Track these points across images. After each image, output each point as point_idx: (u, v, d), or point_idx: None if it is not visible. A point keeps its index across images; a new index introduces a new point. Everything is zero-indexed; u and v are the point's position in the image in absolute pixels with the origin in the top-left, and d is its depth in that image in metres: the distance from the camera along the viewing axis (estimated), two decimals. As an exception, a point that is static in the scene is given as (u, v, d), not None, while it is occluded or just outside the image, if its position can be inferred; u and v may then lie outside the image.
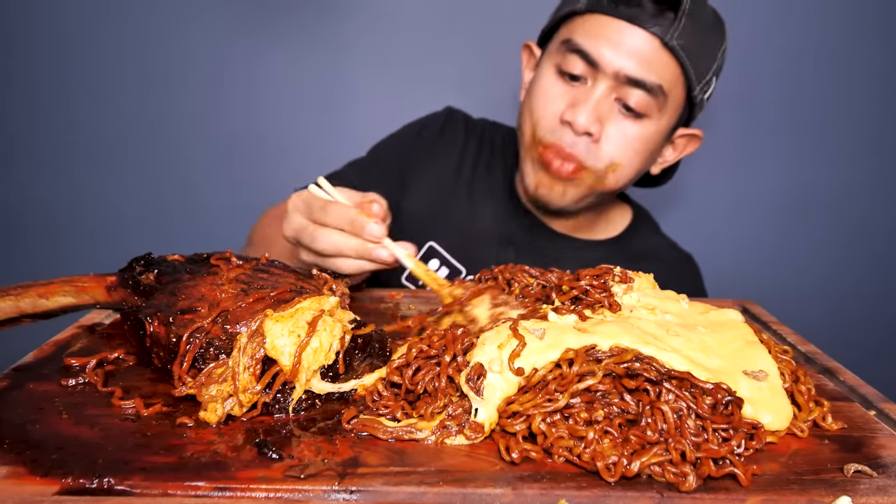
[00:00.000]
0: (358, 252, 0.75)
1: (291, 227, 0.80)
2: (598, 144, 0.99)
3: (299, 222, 0.79)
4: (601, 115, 0.97)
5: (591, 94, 0.97)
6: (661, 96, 0.96)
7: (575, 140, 0.99)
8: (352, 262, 0.76)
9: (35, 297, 0.65)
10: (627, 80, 0.95)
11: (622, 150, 1.00)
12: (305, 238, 0.78)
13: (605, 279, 0.68)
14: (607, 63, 0.95)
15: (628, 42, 0.93)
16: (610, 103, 0.98)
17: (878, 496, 0.48)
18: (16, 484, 0.44)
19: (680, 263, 1.22)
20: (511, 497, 0.46)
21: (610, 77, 0.96)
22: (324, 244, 0.76)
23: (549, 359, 0.55)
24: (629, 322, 0.61)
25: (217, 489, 0.45)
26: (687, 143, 1.11)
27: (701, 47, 0.96)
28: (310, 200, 0.78)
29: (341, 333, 0.58)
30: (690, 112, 1.05)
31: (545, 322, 0.61)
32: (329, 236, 0.76)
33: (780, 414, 0.55)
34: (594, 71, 0.96)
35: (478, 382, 0.54)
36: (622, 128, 0.99)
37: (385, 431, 0.53)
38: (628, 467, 0.48)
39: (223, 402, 0.54)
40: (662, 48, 0.93)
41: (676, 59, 0.94)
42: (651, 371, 0.53)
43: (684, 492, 0.47)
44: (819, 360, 0.73)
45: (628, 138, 0.99)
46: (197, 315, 0.58)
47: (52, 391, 0.57)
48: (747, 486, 0.48)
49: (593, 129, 0.97)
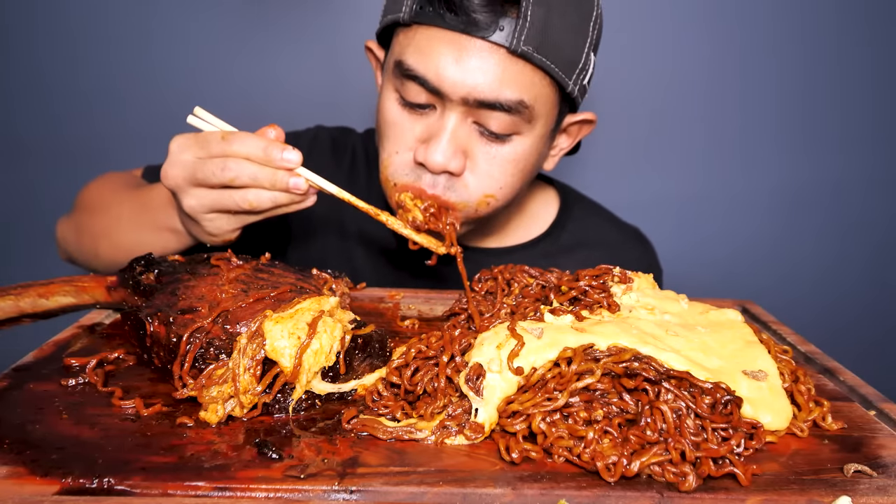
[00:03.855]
0: (272, 182, 0.68)
1: (182, 166, 0.70)
2: (463, 178, 0.82)
3: (193, 159, 0.69)
4: (460, 146, 0.80)
5: (444, 124, 0.79)
6: (525, 111, 0.79)
7: (435, 180, 0.82)
8: (266, 193, 0.69)
9: (35, 296, 0.65)
10: (479, 103, 0.77)
11: (495, 179, 0.83)
12: (208, 171, 0.68)
13: (603, 279, 0.68)
14: (449, 89, 0.76)
15: (469, 58, 0.75)
16: (467, 129, 0.80)
17: (878, 496, 0.48)
18: (16, 484, 0.44)
19: (626, 242, 1.09)
20: (511, 497, 0.46)
21: (459, 103, 0.78)
22: (236, 172, 0.68)
23: (547, 358, 0.55)
24: (628, 322, 0.61)
25: (217, 489, 0.45)
26: (580, 129, 0.95)
27: (563, 35, 0.77)
28: (204, 136, 0.70)
29: (341, 334, 0.58)
30: (571, 102, 0.87)
31: (542, 323, 0.61)
32: (241, 164, 0.68)
33: (780, 414, 0.55)
34: (439, 98, 0.79)
35: (477, 383, 0.54)
36: (490, 153, 0.82)
37: (385, 431, 0.53)
38: (628, 467, 0.48)
39: (224, 403, 0.54)
40: (511, 57, 0.75)
41: (532, 64, 0.76)
42: (650, 370, 0.53)
43: (684, 491, 0.47)
44: (819, 360, 0.73)
45: (498, 163, 0.82)
46: (197, 315, 0.58)
47: (52, 391, 0.57)
48: (747, 485, 0.48)
49: (453, 165, 0.80)
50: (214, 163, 0.68)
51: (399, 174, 0.84)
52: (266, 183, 0.69)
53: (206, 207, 0.71)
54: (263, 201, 0.70)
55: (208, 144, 0.69)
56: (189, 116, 0.73)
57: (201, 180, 0.70)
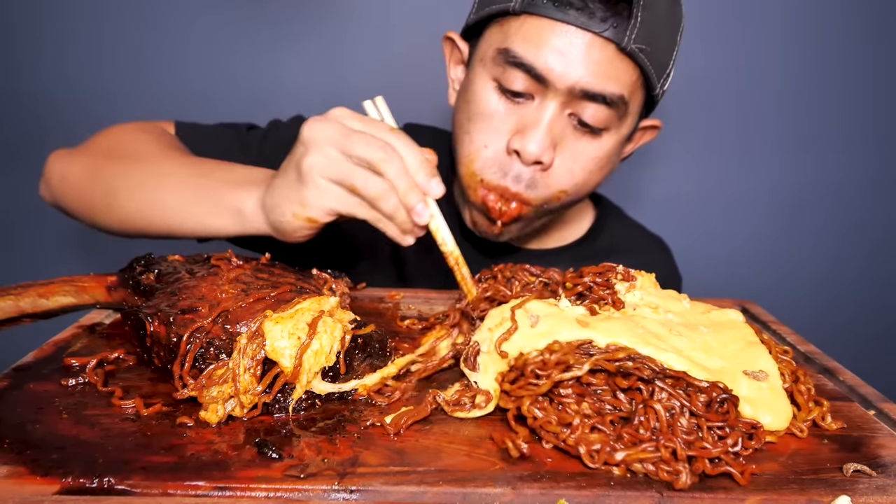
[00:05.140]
0: (405, 192, 0.64)
1: (335, 128, 0.65)
2: (547, 173, 0.84)
3: (351, 129, 0.65)
4: (554, 139, 0.82)
5: (542, 114, 0.81)
6: (623, 106, 0.82)
7: (520, 173, 0.84)
8: (392, 198, 0.65)
9: (35, 296, 0.65)
10: (584, 93, 0.79)
11: (575, 175, 0.85)
12: (361, 142, 0.64)
13: (608, 276, 0.68)
14: (557, 78, 0.78)
15: (579, 51, 0.77)
16: (563, 122, 0.82)
17: (878, 496, 0.48)
18: (16, 484, 0.44)
19: (652, 248, 1.14)
20: (511, 497, 0.46)
21: (563, 93, 0.79)
22: (386, 158, 0.63)
23: (536, 346, 0.56)
24: (634, 321, 0.61)
25: (217, 489, 0.45)
26: (643, 135, 0.98)
27: (661, 40, 0.81)
28: (372, 119, 0.68)
29: (341, 334, 0.58)
30: (651, 107, 0.92)
31: (553, 308, 0.61)
32: (394, 158, 0.64)
33: (780, 414, 0.55)
34: (542, 87, 0.80)
35: (474, 360, 0.59)
36: (577, 149, 0.84)
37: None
38: (611, 454, 0.49)
39: (224, 402, 0.54)
40: (619, 54, 0.78)
41: (635, 63, 0.79)
42: (644, 370, 0.53)
43: (680, 490, 0.47)
44: (819, 360, 0.73)
45: (584, 160, 0.85)
46: (197, 315, 0.58)
47: (52, 391, 0.57)
48: (745, 484, 0.48)
49: (545, 157, 0.81)
50: (371, 140, 0.64)
51: (487, 169, 0.85)
52: (401, 188, 0.64)
53: (332, 170, 0.64)
54: (386, 201, 0.65)
55: (374, 126, 0.66)
56: (366, 102, 0.72)
57: (345, 146, 0.64)
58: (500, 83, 0.82)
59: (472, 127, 0.85)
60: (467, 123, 0.86)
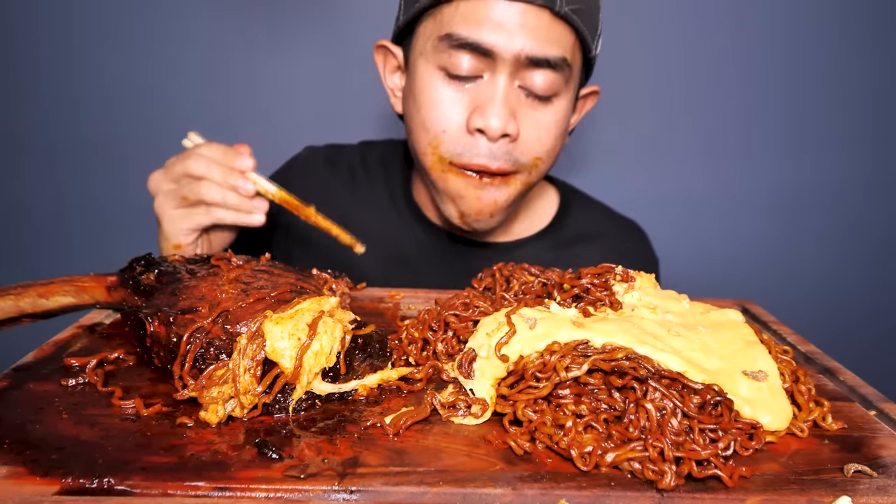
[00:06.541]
0: (223, 177, 0.77)
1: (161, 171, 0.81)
2: (517, 143, 0.87)
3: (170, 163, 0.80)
4: (513, 109, 0.84)
5: (495, 88, 0.83)
6: (567, 69, 0.85)
7: (492, 149, 0.85)
8: (217, 189, 0.78)
9: (35, 296, 0.65)
10: (529, 60, 0.82)
11: (543, 142, 0.88)
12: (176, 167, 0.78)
13: (606, 278, 0.68)
14: (502, 49, 0.81)
15: (517, 21, 0.80)
16: (516, 94, 0.85)
17: (878, 496, 0.48)
18: (16, 484, 0.44)
19: (624, 232, 1.12)
20: (511, 497, 0.46)
21: (509, 63, 0.82)
22: (194, 163, 0.77)
23: (535, 348, 0.56)
24: (630, 321, 0.61)
25: (217, 489, 0.45)
26: (585, 103, 1.00)
27: (589, 2, 0.85)
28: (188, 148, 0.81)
29: (342, 334, 0.58)
30: (588, 71, 0.95)
31: (545, 312, 0.61)
32: (200, 159, 0.77)
33: (780, 414, 0.55)
34: (490, 61, 0.82)
35: (469, 367, 0.58)
36: (536, 118, 0.87)
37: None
38: (602, 457, 0.49)
39: (224, 403, 0.54)
40: (554, 18, 0.81)
41: (571, 26, 0.83)
42: (640, 369, 0.53)
43: (672, 490, 0.47)
44: (819, 360, 0.73)
45: (545, 126, 0.87)
46: (197, 315, 0.58)
47: (52, 391, 0.57)
48: (732, 486, 0.47)
49: (510, 128, 0.84)
50: (183, 159, 0.78)
51: (453, 150, 0.87)
52: (216, 177, 0.77)
53: (171, 198, 0.79)
54: (210, 194, 0.77)
55: (188, 150, 0.79)
56: (184, 140, 0.83)
57: (170, 175, 0.79)
58: (446, 70, 0.85)
59: (427, 116, 0.87)
60: (419, 116, 0.88)
